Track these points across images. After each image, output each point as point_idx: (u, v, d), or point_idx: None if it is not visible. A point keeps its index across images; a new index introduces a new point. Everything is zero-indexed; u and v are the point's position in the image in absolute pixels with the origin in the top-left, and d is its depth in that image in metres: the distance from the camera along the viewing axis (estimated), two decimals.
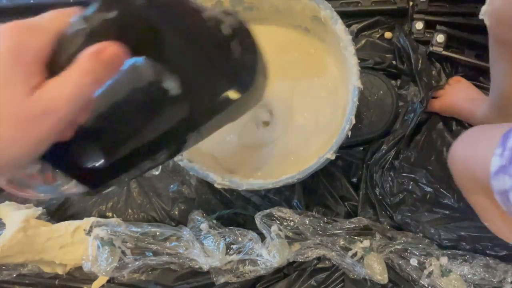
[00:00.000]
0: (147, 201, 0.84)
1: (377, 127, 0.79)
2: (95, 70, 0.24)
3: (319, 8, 0.61)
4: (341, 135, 0.58)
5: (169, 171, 0.84)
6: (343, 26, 0.60)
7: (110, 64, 0.24)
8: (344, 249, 0.73)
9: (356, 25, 0.86)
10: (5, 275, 0.79)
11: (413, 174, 0.79)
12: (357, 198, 0.79)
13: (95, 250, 0.73)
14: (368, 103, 0.80)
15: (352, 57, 0.59)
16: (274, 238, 0.71)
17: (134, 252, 0.76)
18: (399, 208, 0.77)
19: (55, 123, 0.24)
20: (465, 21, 0.81)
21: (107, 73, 0.25)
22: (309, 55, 0.71)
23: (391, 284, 0.73)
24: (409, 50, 0.80)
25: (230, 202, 0.81)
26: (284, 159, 0.69)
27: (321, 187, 0.79)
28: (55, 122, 0.23)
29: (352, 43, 0.59)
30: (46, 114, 0.23)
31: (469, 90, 0.78)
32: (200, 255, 0.72)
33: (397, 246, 0.73)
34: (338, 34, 0.60)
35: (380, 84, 0.81)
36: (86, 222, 0.78)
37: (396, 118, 0.81)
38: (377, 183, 0.78)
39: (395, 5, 0.84)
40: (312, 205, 0.79)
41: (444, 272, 0.69)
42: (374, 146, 0.80)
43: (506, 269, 0.70)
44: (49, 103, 0.23)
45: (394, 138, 0.79)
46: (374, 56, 0.84)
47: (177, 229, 0.76)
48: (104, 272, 0.73)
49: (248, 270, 0.73)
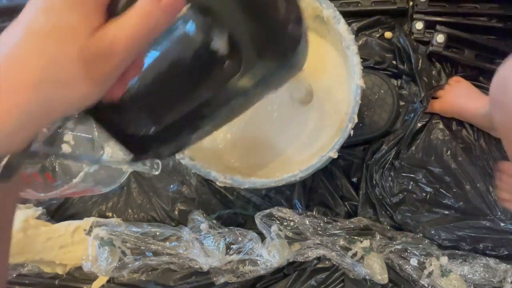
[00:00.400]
0: (147, 201, 0.84)
1: (378, 127, 0.79)
2: (154, 14, 0.24)
3: (322, 7, 0.61)
4: (344, 133, 0.58)
5: (169, 171, 0.84)
6: (346, 26, 0.60)
7: (168, 9, 0.24)
8: (344, 249, 0.73)
9: (356, 23, 0.86)
10: None
11: (413, 174, 0.79)
12: (357, 198, 0.79)
13: (95, 250, 0.73)
14: (369, 102, 0.80)
15: (355, 56, 0.59)
16: (274, 238, 0.71)
17: (134, 252, 0.76)
18: (399, 208, 0.77)
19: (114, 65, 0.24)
20: (465, 21, 0.81)
21: (165, 18, 0.25)
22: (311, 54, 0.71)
23: (391, 284, 0.73)
24: (409, 50, 0.79)
25: (230, 202, 0.81)
26: (286, 157, 0.69)
27: (321, 187, 0.79)
28: (114, 63, 0.24)
29: (355, 42, 0.59)
30: (106, 54, 0.23)
31: (469, 90, 0.78)
32: (200, 255, 0.72)
33: (397, 246, 0.73)
34: (340, 33, 0.60)
35: (381, 84, 0.80)
36: (86, 222, 0.78)
37: (397, 117, 0.81)
38: (377, 183, 0.78)
39: (395, 5, 0.84)
40: (312, 204, 0.79)
41: (444, 272, 0.69)
42: (374, 146, 0.80)
43: (506, 269, 0.70)
44: (109, 44, 0.23)
45: (395, 138, 0.79)
46: (374, 56, 0.84)
47: (177, 229, 0.76)
48: (104, 272, 0.73)
49: (248, 270, 0.73)
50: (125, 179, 0.85)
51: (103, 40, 0.23)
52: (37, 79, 0.22)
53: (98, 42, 0.23)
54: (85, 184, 0.70)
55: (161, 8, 0.24)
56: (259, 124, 0.70)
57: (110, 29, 0.23)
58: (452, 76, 0.82)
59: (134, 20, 0.24)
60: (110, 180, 0.81)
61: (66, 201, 0.86)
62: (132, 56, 0.25)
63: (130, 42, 0.24)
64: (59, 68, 0.22)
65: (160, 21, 0.24)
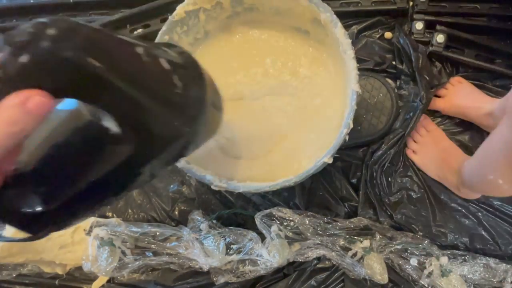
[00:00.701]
0: (147, 201, 0.84)
1: (377, 130, 0.80)
2: (20, 120, 0.23)
3: (319, 11, 0.61)
4: (339, 139, 0.57)
5: (169, 171, 0.84)
6: (343, 30, 0.59)
7: (35, 113, 0.24)
8: (344, 249, 0.73)
9: (356, 26, 0.86)
10: (5, 275, 0.79)
11: (413, 174, 0.79)
12: (357, 199, 0.79)
13: (95, 250, 0.73)
14: (368, 105, 0.80)
15: (351, 61, 0.59)
16: (274, 238, 0.71)
17: (134, 252, 0.76)
18: (398, 207, 0.77)
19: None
20: (465, 21, 0.81)
21: (33, 122, 0.24)
22: (308, 58, 0.71)
23: (391, 284, 0.73)
24: (409, 49, 0.80)
25: (230, 202, 0.81)
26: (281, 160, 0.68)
27: (320, 188, 0.79)
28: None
29: (352, 47, 0.59)
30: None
31: (471, 90, 0.79)
32: (200, 255, 0.72)
33: (397, 246, 0.73)
34: (337, 37, 0.60)
35: (380, 87, 0.81)
36: (86, 222, 0.78)
37: (395, 120, 0.81)
38: (377, 182, 0.78)
39: (395, 5, 0.84)
40: (311, 206, 0.79)
41: (444, 272, 0.69)
42: (374, 146, 0.80)
43: (506, 269, 0.70)
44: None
45: (394, 137, 0.79)
46: (374, 56, 0.84)
47: (177, 229, 0.76)
48: (104, 272, 0.73)
49: (248, 270, 0.73)
50: None
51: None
52: None
53: None
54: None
55: (27, 112, 0.23)
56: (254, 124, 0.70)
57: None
58: (453, 75, 0.82)
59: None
60: None
61: None
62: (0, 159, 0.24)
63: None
64: None
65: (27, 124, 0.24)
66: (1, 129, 0.23)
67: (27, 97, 0.23)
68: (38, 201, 0.29)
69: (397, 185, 0.79)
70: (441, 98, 0.80)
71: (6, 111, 0.23)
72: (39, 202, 0.29)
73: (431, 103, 0.80)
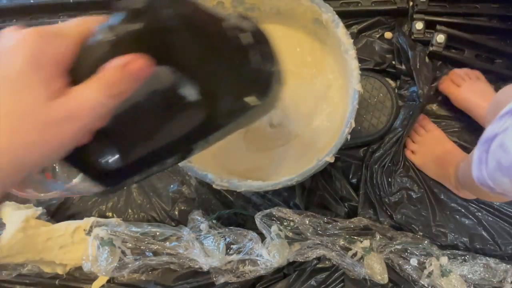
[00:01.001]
0: (147, 201, 0.84)
1: (377, 130, 0.80)
2: (120, 83, 0.24)
3: (321, 11, 0.61)
4: (341, 138, 0.58)
5: (169, 171, 0.84)
6: (345, 30, 0.60)
7: (136, 78, 0.25)
8: (344, 249, 0.73)
9: (357, 25, 0.86)
10: (5, 275, 0.79)
11: (413, 174, 0.79)
12: (357, 199, 0.78)
13: (95, 250, 0.73)
14: (368, 105, 0.80)
15: (353, 60, 0.59)
16: (274, 238, 0.71)
17: (134, 252, 0.76)
18: (398, 207, 0.77)
19: (76, 130, 0.24)
20: (465, 21, 0.81)
21: (132, 86, 0.25)
22: (310, 58, 0.71)
23: (391, 284, 0.73)
24: (407, 48, 0.79)
25: (230, 202, 0.81)
26: (284, 161, 0.68)
27: (320, 188, 0.79)
28: (76, 129, 0.24)
29: (353, 46, 0.59)
30: (68, 120, 0.23)
31: (486, 89, 0.77)
32: (200, 255, 0.72)
33: (397, 246, 0.73)
34: (339, 37, 0.60)
35: (380, 87, 0.81)
36: (86, 222, 0.78)
37: (395, 120, 0.81)
38: (377, 182, 0.78)
39: (395, 5, 0.84)
40: (311, 206, 0.79)
41: (444, 272, 0.69)
42: (374, 145, 0.80)
43: (506, 269, 0.70)
44: (72, 110, 0.23)
45: (394, 136, 0.79)
46: (374, 56, 0.84)
47: (177, 229, 0.76)
48: (104, 272, 0.73)
49: (248, 270, 0.73)
50: None
51: (66, 106, 0.23)
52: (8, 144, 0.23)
53: (60, 107, 0.23)
54: (85, 184, 0.70)
55: (128, 76, 0.24)
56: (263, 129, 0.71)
57: (75, 95, 0.24)
58: None
59: (101, 88, 0.24)
60: None
61: (66, 201, 0.86)
62: (97, 120, 0.25)
63: (96, 108, 0.24)
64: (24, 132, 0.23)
65: (126, 87, 0.25)
66: (103, 91, 0.24)
67: (130, 61, 0.24)
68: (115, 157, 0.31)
69: (397, 185, 0.79)
70: (455, 86, 0.79)
71: (110, 73, 0.24)
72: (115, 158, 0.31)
73: (444, 85, 0.79)
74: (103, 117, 0.26)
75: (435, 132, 0.79)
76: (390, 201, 0.78)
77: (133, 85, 0.25)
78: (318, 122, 0.69)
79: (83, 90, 0.24)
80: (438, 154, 0.77)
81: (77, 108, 0.24)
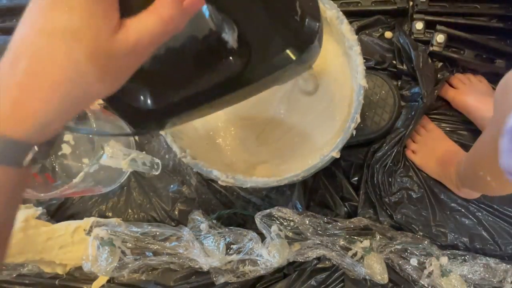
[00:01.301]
0: (147, 201, 0.84)
1: (379, 127, 0.79)
2: (175, 17, 0.24)
3: (325, 7, 0.61)
4: (346, 133, 0.58)
5: (169, 171, 0.84)
6: (349, 26, 0.60)
7: (189, 12, 0.25)
8: (344, 249, 0.73)
9: (356, 22, 0.86)
10: (5, 275, 0.79)
11: (413, 174, 0.79)
12: (357, 199, 0.78)
13: (95, 250, 0.73)
14: (370, 102, 0.80)
15: (358, 56, 0.59)
16: (274, 238, 0.71)
17: (134, 252, 0.76)
18: (399, 207, 0.77)
19: (133, 64, 0.25)
20: (465, 21, 0.81)
21: (185, 18, 0.25)
22: None
23: (391, 284, 0.73)
24: (409, 49, 0.79)
25: (230, 202, 0.81)
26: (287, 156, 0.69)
27: (321, 187, 0.79)
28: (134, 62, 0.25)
29: (358, 42, 0.59)
30: (129, 54, 0.24)
31: (487, 93, 0.78)
32: (200, 255, 0.72)
33: (397, 246, 0.73)
34: (343, 33, 0.60)
35: (382, 84, 0.81)
36: (86, 222, 0.78)
37: (398, 118, 0.81)
38: (378, 182, 0.78)
39: (395, 5, 0.84)
40: (312, 205, 0.79)
41: (444, 272, 0.69)
42: (375, 145, 0.80)
43: (506, 269, 0.70)
44: (133, 44, 0.24)
45: (396, 137, 0.79)
46: (375, 55, 0.84)
47: (177, 229, 0.76)
48: (104, 272, 0.73)
49: (248, 270, 0.73)
50: (125, 179, 0.85)
51: (127, 41, 0.24)
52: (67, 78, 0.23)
53: (123, 40, 0.24)
54: (85, 184, 0.70)
55: (183, 10, 0.24)
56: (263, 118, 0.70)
57: (133, 30, 0.24)
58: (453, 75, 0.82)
59: (157, 23, 0.24)
60: (110, 180, 0.81)
61: (66, 201, 0.86)
62: (151, 53, 0.26)
63: (151, 43, 0.25)
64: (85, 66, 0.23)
65: (181, 22, 0.25)
66: (157, 26, 0.24)
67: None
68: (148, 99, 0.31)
69: (397, 185, 0.79)
70: (454, 89, 0.79)
71: (167, 5, 0.24)
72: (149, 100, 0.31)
73: (442, 90, 0.79)
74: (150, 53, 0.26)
75: (435, 132, 0.79)
76: (390, 201, 0.78)
77: (186, 18, 0.25)
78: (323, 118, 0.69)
79: (141, 24, 0.24)
80: (438, 153, 0.77)
81: (136, 42, 0.24)
